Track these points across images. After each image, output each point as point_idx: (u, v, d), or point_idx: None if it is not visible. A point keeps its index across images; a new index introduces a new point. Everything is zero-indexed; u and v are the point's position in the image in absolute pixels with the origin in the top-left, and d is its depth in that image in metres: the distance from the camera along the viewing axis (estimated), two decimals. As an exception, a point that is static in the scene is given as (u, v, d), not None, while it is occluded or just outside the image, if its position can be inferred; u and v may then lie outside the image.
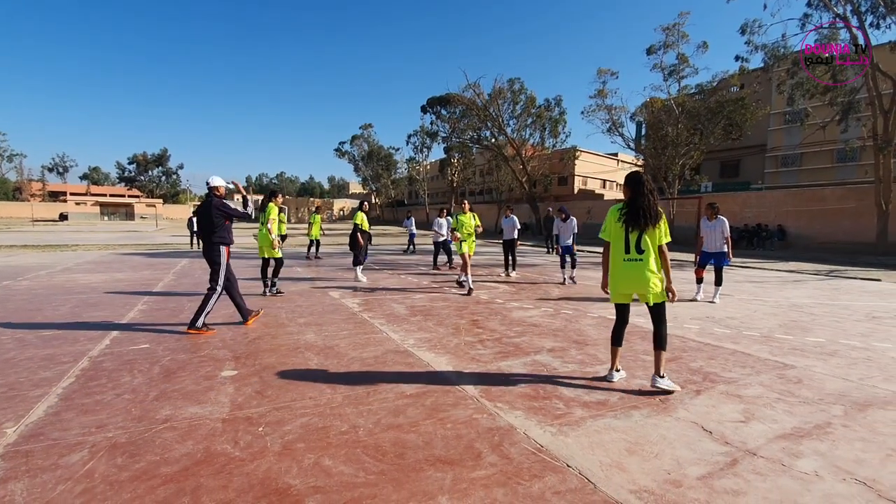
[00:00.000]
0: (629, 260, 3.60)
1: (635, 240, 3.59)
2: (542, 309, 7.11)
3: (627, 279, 3.60)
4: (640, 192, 3.63)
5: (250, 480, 2.33)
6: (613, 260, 3.70)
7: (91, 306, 6.74)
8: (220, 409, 3.20)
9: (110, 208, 77.94)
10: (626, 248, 3.61)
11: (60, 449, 2.61)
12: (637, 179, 3.69)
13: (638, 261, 3.57)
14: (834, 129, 25.97)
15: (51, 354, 4.40)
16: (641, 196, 3.61)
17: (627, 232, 3.61)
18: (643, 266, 3.56)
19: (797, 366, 4.41)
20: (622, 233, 3.64)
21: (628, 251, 3.60)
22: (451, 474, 2.41)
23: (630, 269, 3.58)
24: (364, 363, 4.30)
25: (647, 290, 3.58)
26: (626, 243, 3.61)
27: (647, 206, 3.58)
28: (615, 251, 3.69)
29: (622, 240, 3.63)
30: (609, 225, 3.75)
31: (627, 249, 3.60)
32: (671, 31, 27.83)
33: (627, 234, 3.61)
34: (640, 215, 3.57)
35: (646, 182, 3.66)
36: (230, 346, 4.81)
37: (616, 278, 3.67)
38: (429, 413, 3.19)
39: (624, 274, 3.61)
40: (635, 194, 3.64)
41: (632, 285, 3.61)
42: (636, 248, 3.58)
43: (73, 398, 3.36)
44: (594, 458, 2.60)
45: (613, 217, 3.72)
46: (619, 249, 3.66)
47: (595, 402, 3.44)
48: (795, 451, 2.74)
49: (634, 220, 3.58)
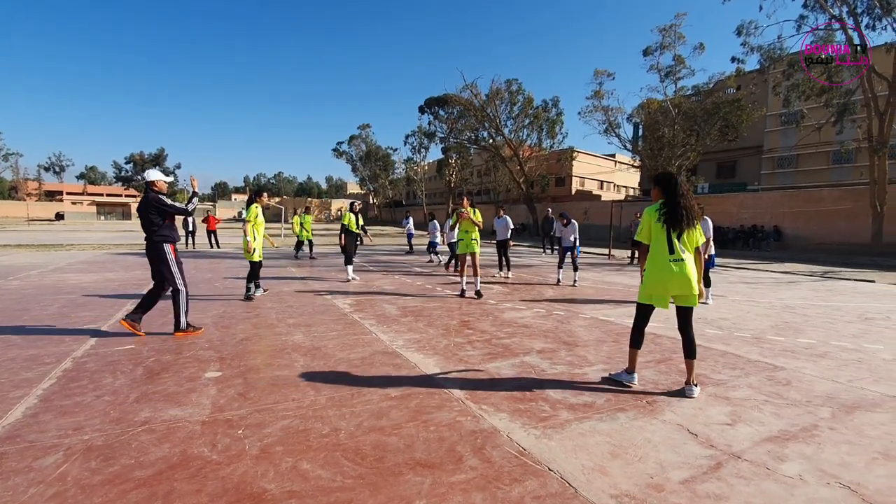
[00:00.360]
0: (675, 260, 3.52)
1: (676, 239, 3.53)
2: (535, 310, 7.08)
3: (674, 280, 3.51)
4: (677, 191, 3.56)
5: (224, 485, 2.29)
6: (657, 261, 3.58)
7: (79, 306, 6.68)
8: (201, 412, 3.15)
9: (107, 208, 77.77)
10: (669, 248, 3.53)
11: (35, 451, 2.56)
12: (670, 179, 3.63)
13: (682, 261, 3.52)
14: (829, 131, 26.03)
15: (34, 355, 4.34)
16: (680, 196, 3.55)
17: (670, 232, 3.54)
18: (687, 266, 3.51)
19: (787, 367, 4.39)
20: (664, 233, 3.56)
21: (672, 251, 3.53)
22: (430, 478, 2.38)
23: (677, 270, 3.50)
24: (351, 364, 4.26)
25: (690, 291, 3.53)
26: (670, 243, 3.54)
27: (689, 206, 3.54)
28: (658, 252, 3.58)
29: (664, 240, 3.55)
30: (647, 226, 3.65)
31: (672, 250, 3.53)
32: (668, 33, 27.87)
33: (670, 234, 3.54)
34: (684, 215, 3.51)
35: (681, 182, 3.61)
36: (217, 346, 4.77)
37: (661, 279, 3.54)
38: (412, 415, 3.15)
39: (671, 275, 3.51)
40: (673, 194, 3.58)
41: (678, 286, 3.52)
42: (679, 249, 3.53)
43: (53, 400, 3.31)
44: (577, 462, 2.56)
45: (652, 218, 3.62)
46: (662, 250, 3.56)
47: (582, 404, 3.41)
48: (781, 454, 2.71)
49: (677, 219, 3.52)
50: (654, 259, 3.61)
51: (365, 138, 70.69)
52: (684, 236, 3.55)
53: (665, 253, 3.54)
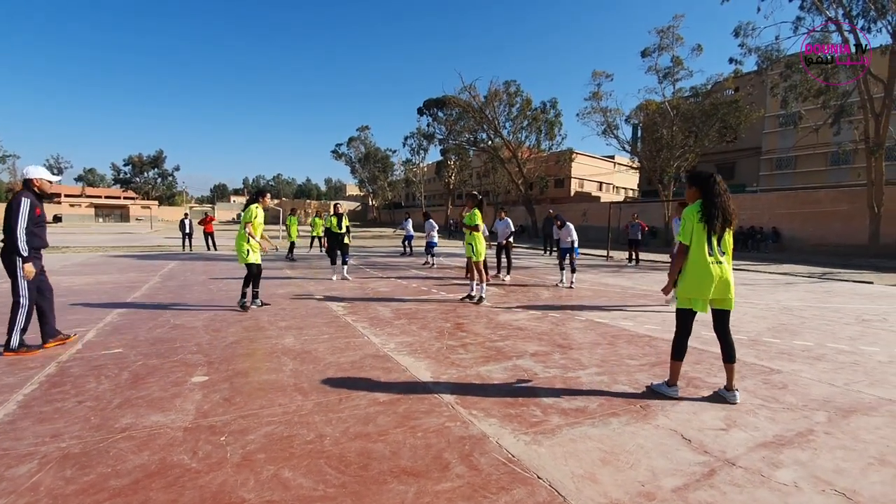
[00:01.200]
0: (716, 262, 3.42)
1: (716, 241, 3.44)
2: (530, 312, 7.02)
3: (716, 282, 3.39)
4: (716, 190, 3.46)
5: (202, 494, 2.22)
6: (698, 262, 3.42)
7: (69, 309, 6.60)
8: (184, 418, 3.08)
9: (105, 210, 77.67)
10: (709, 249, 3.43)
11: (9, 460, 2.49)
12: (709, 179, 3.52)
13: (722, 263, 3.43)
14: (827, 132, 26.04)
15: (18, 359, 4.27)
16: (720, 195, 3.44)
17: (710, 233, 3.43)
18: (727, 268, 3.43)
19: (783, 370, 4.33)
20: (704, 234, 3.43)
21: (712, 253, 3.43)
22: (414, 487, 2.31)
23: (718, 272, 3.40)
24: (340, 368, 4.19)
25: (730, 294, 3.44)
26: (710, 245, 3.43)
27: (730, 206, 3.45)
28: (699, 253, 3.43)
29: (705, 241, 3.44)
30: (689, 226, 3.50)
31: (711, 251, 3.43)
32: (665, 34, 27.88)
33: (710, 235, 3.43)
34: (725, 215, 3.42)
35: (718, 181, 3.50)
36: (205, 350, 4.69)
37: (703, 281, 3.41)
38: (400, 421, 3.08)
39: (712, 277, 3.38)
40: (712, 193, 3.46)
41: (720, 289, 3.41)
42: (718, 250, 3.44)
43: (33, 406, 3.24)
44: (566, 469, 2.49)
45: (694, 218, 3.48)
46: (703, 251, 3.42)
47: (574, 408, 3.34)
48: (776, 460, 2.65)
49: (718, 220, 3.41)
50: (693, 260, 3.46)
51: (364, 140, 70.76)
52: (724, 238, 3.46)
53: (705, 254, 3.42)
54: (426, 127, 47.20)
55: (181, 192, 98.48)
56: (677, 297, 3.60)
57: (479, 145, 41.89)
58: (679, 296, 3.57)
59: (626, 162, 44.82)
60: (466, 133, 41.60)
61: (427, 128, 47.18)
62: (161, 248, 20.17)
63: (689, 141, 28.34)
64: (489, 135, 39.53)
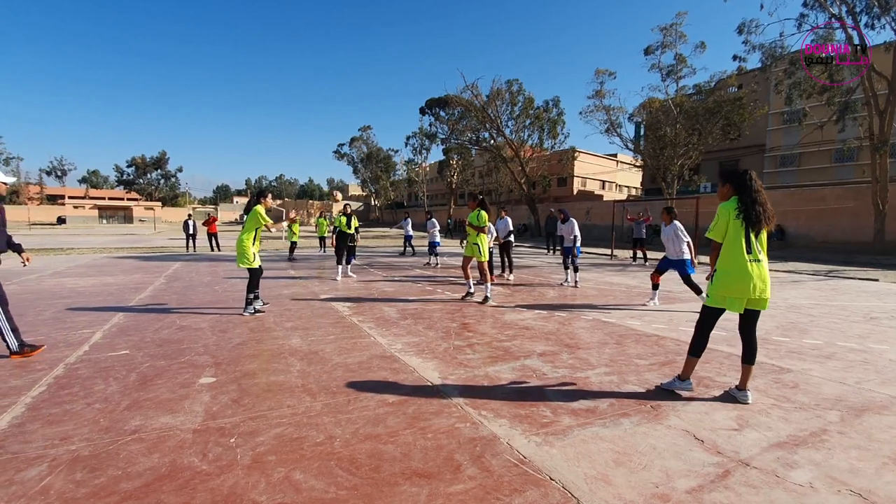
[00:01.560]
0: (754, 261, 3.32)
1: (754, 239, 3.36)
2: (536, 311, 6.99)
3: (755, 281, 3.29)
4: (752, 187, 3.37)
5: (214, 497, 2.20)
6: (736, 261, 3.34)
7: (75, 311, 6.61)
8: (193, 419, 3.07)
9: (109, 211, 77.91)
10: (747, 247, 3.34)
11: (18, 463, 2.48)
12: (744, 175, 3.43)
13: (760, 261, 3.35)
14: (832, 129, 25.94)
15: (25, 361, 4.27)
16: (756, 192, 3.36)
17: (748, 230, 3.35)
18: (763, 267, 3.35)
19: (794, 369, 4.29)
20: (742, 232, 3.34)
21: (750, 251, 3.34)
22: (426, 489, 2.29)
23: (757, 271, 3.30)
24: (348, 369, 4.18)
25: (767, 294, 3.35)
26: (748, 243, 3.35)
27: (766, 203, 3.37)
28: (735, 251, 3.35)
29: (742, 239, 3.34)
30: (724, 223, 3.41)
31: (749, 249, 3.34)
32: (669, 32, 27.79)
33: (748, 233, 3.35)
34: (762, 213, 3.34)
35: (754, 177, 3.42)
36: (212, 351, 4.69)
37: (741, 280, 3.31)
38: (409, 422, 3.06)
39: (750, 276, 3.29)
40: (749, 190, 3.37)
41: (758, 288, 3.31)
42: (756, 248, 3.36)
43: (41, 408, 3.23)
44: (579, 471, 2.47)
45: (730, 215, 3.38)
46: (739, 249, 3.33)
47: (584, 409, 3.32)
48: (790, 460, 2.62)
49: (756, 217, 3.33)
50: (731, 259, 3.36)
51: (366, 140, 70.72)
52: (760, 236, 3.39)
53: (743, 253, 3.33)
54: (428, 126, 47.13)
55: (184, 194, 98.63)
56: (709, 295, 3.50)
57: (482, 144, 41.81)
58: (712, 294, 3.47)
59: (629, 160, 44.69)
60: (469, 132, 41.52)
61: (429, 127, 47.11)
62: (165, 249, 20.21)
63: (692, 139, 28.24)
64: (491, 134, 39.43)
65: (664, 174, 29.64)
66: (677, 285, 10.05)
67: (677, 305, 7.68)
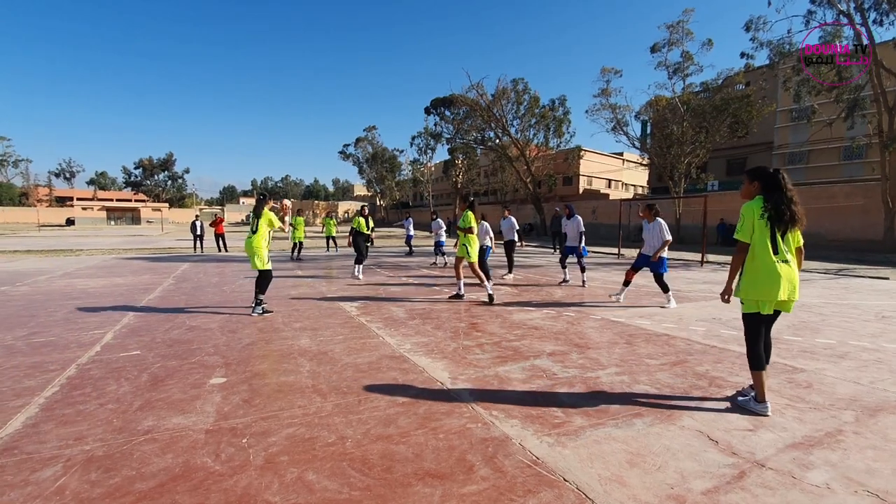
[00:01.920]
0: (782, 261, 3.23)
1: (781, 239, 3.28)
2: (545, 311, 6.97)
3: (783, 283, 3.20)
4: (780, 186, 3.27)
5: (227, 497, 2.21)
6: (763, 262, 3.24)
7: (85, 312, 6.66)
8: (205, 420, 3.08)
9: (117, 213, 78.41)
10: (774, 248, 3.26)
11: (33, 464, 2.50)
12: (773, 173, 3.34)
13: (787, 262, 3.27)
14: (840, 127, 25.67)
15: (38, 362, 4.30)
16: (784, 190, 3.27)
17: (774, 231, 3.27)
18: (793, 268, 3.27)
19: (807, 369, 4.25)
20: (768, 232, 3.24)
21: (777, 251, 3.25)
22: (440, 490, 2.28)
23: (785, 272, 3.21)
24: (357, 369, 4.18)
25: (795, 296, 3.27)
26: (774, 243, 3.25)
27: (796, 202, 3.27)
28: (762, 252, 3.25)
29: (768, 239, 3.24)
30: (749, 223, 3.30)
31: (776, 250, 3.25)
32: (675, 29, 27.61)
33: (774, 233, 3.27)
34: (791, 212, 3.24)
35: (784, 176, 3.32)
36: (222, 352, 4.70)
37: (769, 282, 3.22)
38: (421, 422, 3.06)
39: (778, 277, 3.20)
40: (778, 189, 3.28)
41: (787, 289, 3.22)
42: (784, 249, 3.28)
43: (55, 408, 3.25)
44: (593, 472, 2.46)
45: (756, 214, 3.28)
46: (766, 250, 3.24)
47: (596, 409, 3.30)
48: (806, 461, 2.59)
49: (784, 217, 3.23)
50: (758, 260, 3.27)
51: (371, 140, 70.84)
52: (788, 235, 3.31)
53: (770, 253, 3.23)
54: (433, 126, 47.32)
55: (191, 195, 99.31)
56: (742, 301, 3.40)
57: (487, 144, 41.75)
58: (744, 299, 3.37)
59: (635, 158, 44.51)
60: (474, 132, 41.50)
61: (434, 127, 47.29)
62: (173, 250, 20.32)
63: (699, 136, 28.05)
64: (497, 133, 39.37)
65: (671, 172, 29.48)
66: (686, 284, 10.00)
67: (686, 305, 7.63)
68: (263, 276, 6.64)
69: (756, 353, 3.34)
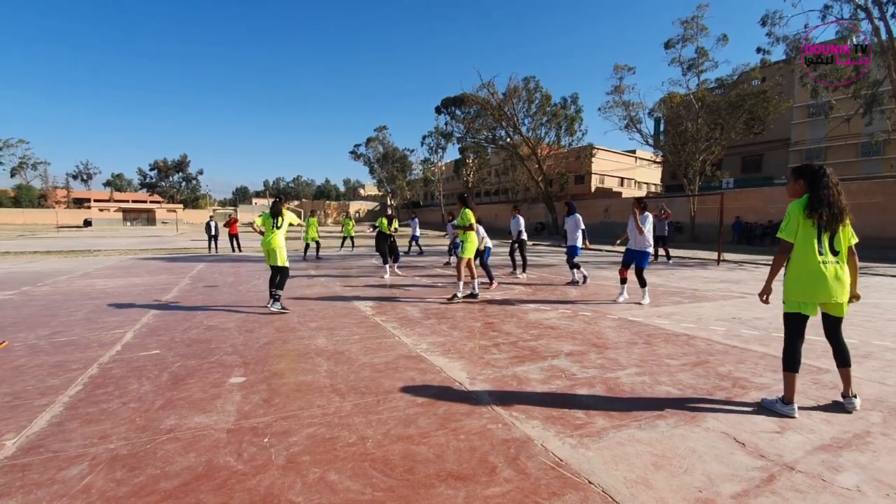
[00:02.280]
0: (826, 262, 3.13)
1: (828, 239, 3.16)
2: (560, 310, 6.92)
3: (826, 284, 3.11)
4: (825, 183, 3.18)
5: (252, 497, 2.21)
6: (805, 263, 3.16)
7: (106, 311, 6.75)
8: (226, 419, 3.10)
9: (133, 214, 79.53)
10: (819, 248, 3.15)
11: (59, 462, 2.52)
12: (819, 171, 3.24)
13: (835, 263, 3.15)
14: (859, 122, 25.18)
15: (61, 361, 4.36)
16: (829, 188, 3.17)
17: (820, 230, 3.16)
18: (841, 269, 3.18)
19: (832, 370, 4.13)
20: (814, 231, 3.15)
21: (822, 252, 3.14)
22: (463, 491, 2.26)
23: (830, 273, 3.11)
24: (375, 369, 4.18)
25: (843, 298, 3.16)
26: (819, 243, 3.15)
27: (841, 201, 3.19)
28: (805, 253, 3.16)
29: (814, 239, 3.15)
30: (794, 222, 3.21)
31: (822, 250, 3.15)
32: (690, 25, 27.29)
33: (820, 233, 3.15)
34: (837, 211, 3.16)
35: (829, 173, 3.23)
36: (240, 351, 4.73)
37: (811, 284, 3.14)
38: (441, 423, 3.04)
39: (821, 278, 3.11)
40: (820, 186, 3.16)
41: (831, 292, 3.12)
42: (831, 249, 3.16)
43: (79, 407, 3.29)
44: (618, 474, 2.42)
45: (801, 214, 3.18)
46: (810, 251, 3.14)
47: (617, 410, 3.25)
48: (835, 464, 2.53)
49: (830, 216, 3.13)
50: (802, 261, 3.18)
51: (382, 140, 70.91)
52: (837, 235, 3.20)
53: (814, 253, 3.14)
54: (444, 125, 47.13)
55: (205, 196, 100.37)
56: (784, 301, 3.32)
57: (498, 143, 41.61)
58: (786, 299, 3.30)
59: (648, 156, 44.07)
60: (485, 131, 41.36)
61: (445, 126, 47.10)
62: (188, 250, 20.56)
63: (714, 133, 27.70)
64: (508, 132, 39.20)
65: (685, 170, 29.15)
66: (703, 283, 9.87)
67: (704, 304, 7.52)
68: (283, 274, 6.91)
69: (791, 354, 3.27)
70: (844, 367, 3.31)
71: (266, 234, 6.95)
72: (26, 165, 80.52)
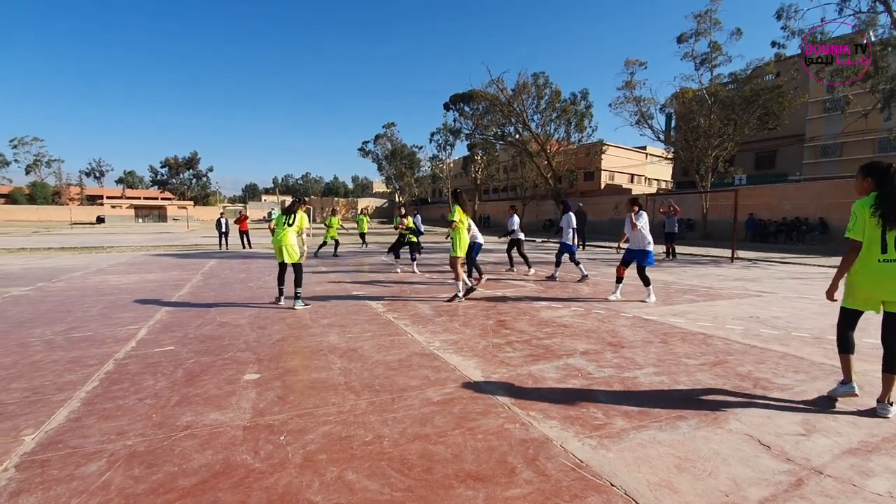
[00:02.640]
0: (887, 261, 3.08)
1: (893, 238, 3.08)
2: (573, 308, 6.85)
3: (886, 283, 3.08)
4: (891, 182, 3.14)
5: (270, 496, 2.19)
6: (866, 261, 3.16)
7: (120, 307, 6.79)
8: (242, 416, 3.09)
9: (144, 211, 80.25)
10: (882, 247, 3.10)
11: (78, 458, 2.52)
12: (887, 169, 3.19)
13: None
14: (876, 118, 24.72)
15: (77, 357, 4.39)
16: None
17: (885, 230, 3.10)
18: None
19: (857, 371, 4.03)
20: (878, 231, 3.11)
21: (885, 251, 3.09)
22: (483, 492, 2.23)
23: (890, 272, 3.07)
24: (388, 367, 4.15)
25: None
26: (884, 242, 3.10)
27: None
28: (869, 251, 3.15)
29: (878, 239, 3.12)
30: (861, 221, 3.18)
31: (885, 249, 3.09)
32: (703, 19, 26.92)
33: (884, 232, 3.10)
34: None
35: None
36: (254, 348, 4.73)
37: (870, 282, 3.14)
38: (457, 422, 3.01)
39: (881, 277, 3.09)
40: (890, 186, 3.12)
41: (891, 290, 3.09)
42: (893, 248, 3.08)
43: (96, 403, 3.30)
44: (640, 476, 2.37)
45: (866, 213, 3.16)
46: (874, 249, 3.13)
47: (636, 411, 3.20)
48: (865, 468, 2.46)
49: (894, 215, 3.07)
50: (865, 259, 3.17)
51: (390, 137, 70.92)
52: None
53: (876, 252, 3.12)
54: (452, 122, 46.91)
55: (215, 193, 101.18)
56: (845, 296, 3.33)
57: (507, 139, 41.36)
58: (847, 295, 3.31)
59: (659, 153, 43.67)
60: (493, 127, 41.09)
61: (453, 123, 46.86)
62: (199, 246, 20.70)
63: (727, 129, 27.33)
64: (517, 128, 38.92)
65: (697, 166, 28.82)
66: (718, 282, 9.75)
67: (720, 303, 7.41)
68: (297, 270, 7.04)
69: (844, 340, 3.44)
70: (891, 373, 3.23)
71: (277, 231, 6.95)
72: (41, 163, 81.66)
